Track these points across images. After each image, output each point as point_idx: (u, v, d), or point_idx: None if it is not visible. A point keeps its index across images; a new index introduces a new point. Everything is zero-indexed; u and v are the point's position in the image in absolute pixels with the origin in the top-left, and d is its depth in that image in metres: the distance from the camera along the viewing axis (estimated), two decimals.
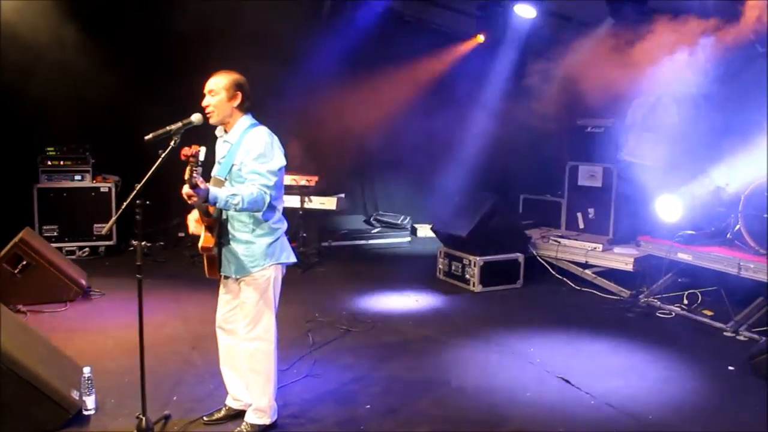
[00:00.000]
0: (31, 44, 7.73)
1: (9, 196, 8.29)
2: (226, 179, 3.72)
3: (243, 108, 3.78)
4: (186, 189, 3.35)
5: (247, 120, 3.80)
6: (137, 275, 3.64)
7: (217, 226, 3.74)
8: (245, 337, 3.88)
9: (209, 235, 3.70)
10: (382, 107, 9.42)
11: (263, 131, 3.76)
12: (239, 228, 3.78)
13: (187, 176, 3.28)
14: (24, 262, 6.31)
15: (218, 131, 3.85)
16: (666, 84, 7.34)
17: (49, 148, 8.44)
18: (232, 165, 3.71)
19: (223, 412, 4.14)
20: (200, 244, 3.68)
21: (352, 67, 9.24)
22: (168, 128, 3.57)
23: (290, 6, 8.62)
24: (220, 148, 3.84)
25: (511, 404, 4.53)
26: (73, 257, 8.20)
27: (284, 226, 3.94)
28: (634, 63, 7.05)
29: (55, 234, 8.35)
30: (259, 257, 3.80)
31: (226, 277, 3.90)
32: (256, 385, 3.96)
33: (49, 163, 8.43)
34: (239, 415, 4.11)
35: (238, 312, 3.95)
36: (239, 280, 3.84)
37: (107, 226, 3.97)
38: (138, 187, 3.50)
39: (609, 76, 7.37)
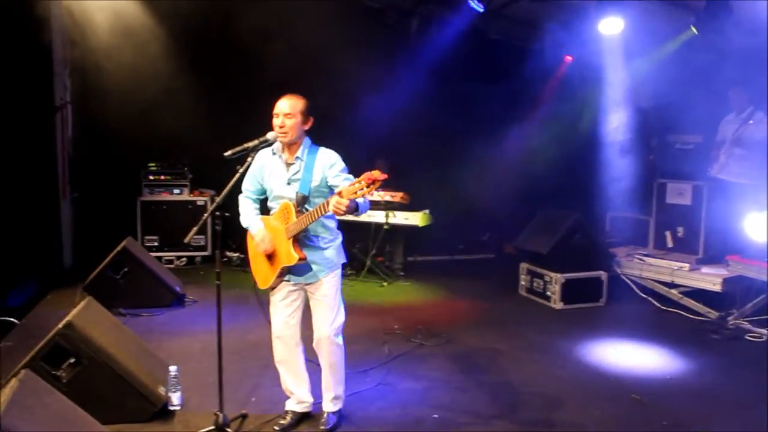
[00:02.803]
0: (136, 68, 8.30)
1: (117, 207, 8.92)
2: (308, 195, 3.97)
3: (308, 131, 4.08)
4: (345, 202, 3.58)
5: (308, 140, 4.10)
6: (216, 281, 3.93)
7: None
8: (326, 333, 4.13)
9: (299, 248, 3.96)
10: (468, 125, 9.51)
11: (331, 150, 4.10)
12: (315, 239, 4.05)
13: (363, 193, 3.50)
14: (125, 269, 6.78)
15: (277, 150, 4.08)
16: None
17: (151, 164, 9.00)
18: (311, 181, 3.97)
19: (289, 418, 4.32)
20: (297, 257, 3.90)
21: (438, 85, 9.39)
22: (245, 145, 3.88)
23: (377, 26, 8.87)
24: (283, 166, 4.07)
25: (582, 421, 4.53)
26: (171, 266, 8.68)
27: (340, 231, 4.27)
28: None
29: (156, 244, 8.88)
30: (333, 259, 4.13)
31: (295, 285, 4.15)
32: (334, 377, 4.25)
33: (151, 177, 8.99)
34: (303, 418, 4.36)
35: (298, 315, 4.23)
36: (311, 285, 4.11)
37: (189, 235, 4.26)
38: (217, 200, 3.81)
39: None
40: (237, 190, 3.89)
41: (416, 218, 8.39)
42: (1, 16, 6.71)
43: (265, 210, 4.23)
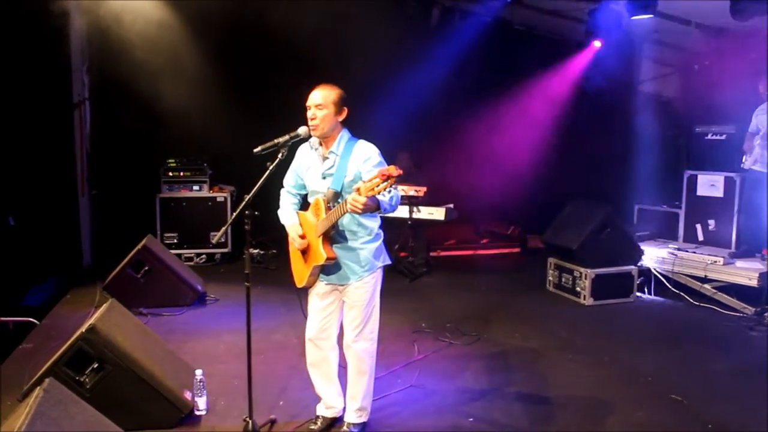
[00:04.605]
0: (155, 63, 8.17)
1: (136, 204, 8.82)
2: (340, 190, 3.77)
3: (344, 122, 3.86)
4: (362, 199, 3.37)
5: (346, 133, 3.88)
6: (245, 283, 3.78)
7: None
8: (353, 340, 3.95)
9: (329, 246, 3.78)
10: (490, 116, 9.33)
11: (369, 143, 3.86)
12: (350, 237, 3.85)
13: (379, 189, 3.30)
14: (146, 268, 6.64)
15: (313, 144, 3.93)
16: None
17: (170, 160, 8.87)
18: (345, 176, 3.77)
19: (319, 423, 4.17)
20: (325, 256, 3.71)
21: (460, 77, 9.21)
22: (276, 141, 3.71)
23: (398, 17, 8.69)
24: (319, 160, 3.89)
25: (621, 423, 4.35)
26: (191, 263, 8.54)
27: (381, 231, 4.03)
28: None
29: (175, 241, 8.75)
30: (369, 262, 3.89)
31: (328, 285, 3.97)
32: (360, 386, 4.03)
33: (170, 173, 8.84)
34: (333, 423, 4.19)
35: (333, 319, 4.04)
36: (345, 287, 3.92)
37: (218, 235, 4.11)
38: (247, 198, 3.65)
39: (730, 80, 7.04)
40: (264, 187, 3.71)
41: (441, 213, 8.23)
42: (19, 12, 6.61)
43: (306, 206, 4.05)
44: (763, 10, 6.52)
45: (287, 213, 4.06)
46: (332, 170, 3.81)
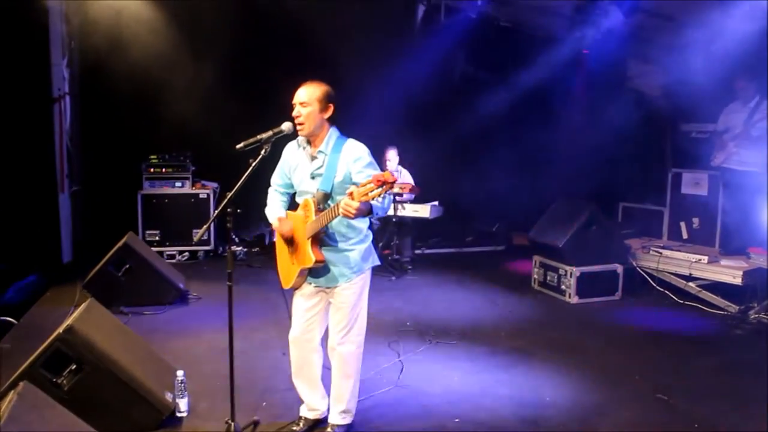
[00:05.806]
0: (138, 59, 8.07)
1: (117, 201, 8.70)
2: (330, 191, 3.69)
3: (332, 120, 3.77)
4: (355, 204, 3.30)
5: (335, 132, 3.79)
6: (228, 282, 3.70)
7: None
8: (339, 342, 3.88)
9: (318, 249, 3.71)
10: (477, 113, 9.28)
11: (359, 142, 3.78)
12: (339, 239, 3.78)
13: (373, 195, 3.22)
14: (127, 266, 6.54)
15: (301, 142, 3.85)
16: None
17: (152, 156, 8.76)
18: (334, 177, 3.69)
19: (302, 425, 4.10)
20: (313, 259, 3.64)
21: (446, 73, 9.16)
22: (259, 137, 3.63)
23: (384, 14, 8.63)
24: (307, 159, 3.82)
25: (608, 423, 4.32)
26: (174, 261, 8.46)
27: (370, 231, 3.96)
28: None
29: (157, 239, 8.65)
30: (357, 264, 3.82)
31: (316, 287, 3.90)
32: (345, 388, 3.97)
33: (152, 170, 8.75)
34: (316, 424, 4.12)
35: (318, 320, 3.97)
36: (331, 289, 3.85)
37: (200, 233, 4.02)
38: (229, 195, 3.57)
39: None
40: (248, 184, 3.64)
41: (426, 210, 8.18)
42: None
43: (294, 205, 3.97)
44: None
45: (275, 209, 3.98)
46: (321, 170, 3.72)
